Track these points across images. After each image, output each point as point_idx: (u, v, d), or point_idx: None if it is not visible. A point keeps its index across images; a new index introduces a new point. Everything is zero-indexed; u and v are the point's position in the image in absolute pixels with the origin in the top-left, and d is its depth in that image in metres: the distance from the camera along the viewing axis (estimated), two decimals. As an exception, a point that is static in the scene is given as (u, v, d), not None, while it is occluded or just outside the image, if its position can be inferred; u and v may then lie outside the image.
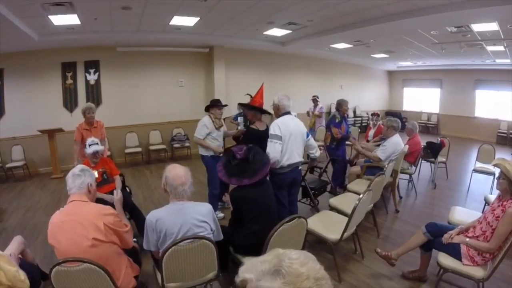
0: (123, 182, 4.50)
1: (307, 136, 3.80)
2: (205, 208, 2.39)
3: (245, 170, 2.87)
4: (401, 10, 5.86)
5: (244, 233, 2.74)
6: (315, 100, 9.48)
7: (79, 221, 2.14)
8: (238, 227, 2.80)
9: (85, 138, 4.81)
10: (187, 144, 9.25)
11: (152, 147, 9.06)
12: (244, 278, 0.86)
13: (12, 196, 6.45)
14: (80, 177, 2.35)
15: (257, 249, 2.52)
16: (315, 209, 4.69)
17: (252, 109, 4.20)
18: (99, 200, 3.79)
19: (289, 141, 3.53)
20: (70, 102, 8.35)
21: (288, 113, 3.66)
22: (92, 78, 8.51)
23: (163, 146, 9.13)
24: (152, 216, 2.27)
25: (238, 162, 2.92)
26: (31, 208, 5.69)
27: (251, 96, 4.46)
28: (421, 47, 9.15)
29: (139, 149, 8.81)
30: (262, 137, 3.73)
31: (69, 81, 8.28)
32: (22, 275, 2.18)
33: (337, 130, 5.53)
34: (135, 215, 4.04)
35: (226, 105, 4.97)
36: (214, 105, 4.78)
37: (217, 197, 4.77)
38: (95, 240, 2.12)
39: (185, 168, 2.44)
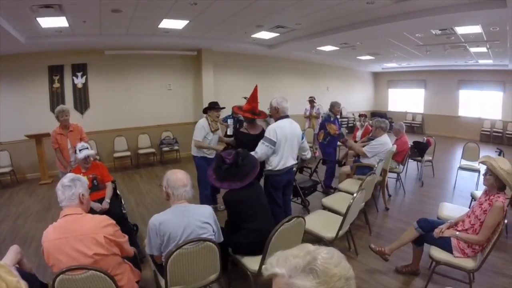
0: (114, 189, 4.34)
1: (302, 138, 3.87)
2: (206, 210, 2.43)
3: (235, 174, 2.97)
4: (389, 14, 5.98)
5: (242, 233, 2.79)
6: (311, 101, 9.48)
7: (77, 237, 2.05)
8: (235, 228, 2.84)
9: (60, 144, 4.80)
10: (176, 147, 9.22)
11: (141, 151, 8.99)
12: (274, 273, 0.86)
13: (1, 203, 6.31)
14: (70, 188, 2.22)
15: (257, 248, 2.61)
16: (306, 208, 4.77)
17: (244, 119, 4.26)
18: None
19: (285, 146, 3.59)
20: (57, 106, 8.14)
21: (287, 116, 3.70)
22: (79, 81, 8.38)
23: (152, 150, 9.06)
24: (155, 220, 2.26)
25: (227, 166, 3.00)
26: (21, 215, 5.57)
27: (247, 98, 4.49)
28: (406, 49, 9.35)
29: (128, 153, 8.74)
30: (254, 142, 3.73)
31: (56, 84, 8.14)
32: (23, 285, 2.08)
33: (335, 127, 5.69)
34: (122, 224, 4.00)
35: (223, 108, 5.00)
36: (211, 108, 4.79)
37: (209, 198, 4.84)
38: (97, 256, 2.06)
39: (185, 172, 2.47)
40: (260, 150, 3.50)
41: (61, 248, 2.03)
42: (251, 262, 2.67)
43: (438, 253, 2.85)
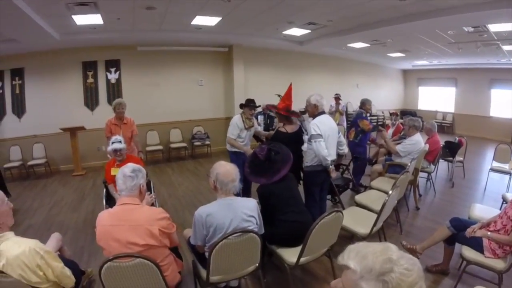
0: (148, 184, 4.45)
1: (338, 133, 3.92)
2: (252, 203, 2.47)
3: (268, 169, 3.06)
4: (419, 11, 5.90)
5: (276, 224, 2.84)
6: (337, 98, 9.47)
7: (132, 226, 2.10)
8: (269, 220, 2.87)
9: (113, 133, 4.92)
10: (207, 142, 9.36)
11: (172, 145, 9.15)
12: (348, 266, 0.85)
13: (35, 193, 6.58)
14: (132, 179, 2.25)
15: (291, 239, 2.72)
16: (340, 205, 4.76)
17: (277, 115, 4.28)
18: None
19: (327, 141, 3.64)
20: (91, 101, 8.50)
21: (323, 112, 3.77)
22: (113, 77, 8.64)
23: (184, 144, 9.21)
24: (202, 212, 2.30)
25: (261, 162, 3.11)
26: (55, 205, 5.79)
27: (280, 96, 4.51)
28: (438, 46, 9.14)
29: (160, 147, 8.93)
30: (292, 140, 3.81)
31: (90, 80, 8.42)
32: (68, 271, 2.21)
33: (367, 122, 5.64)
34: None
35: (259, 106, 5.05)
36: (246, 105, 4.83)
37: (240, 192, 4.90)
38: (147, 246, 2.11)
39: (233, 165, 2.48)
40: (317, 148, 3.56)
41: (114, 234, 2.09)
42: (289, 254, 2.70)
43: (469, 253, 2.84)
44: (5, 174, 7.53)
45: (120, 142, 4.03)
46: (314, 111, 3.79)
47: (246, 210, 2.38)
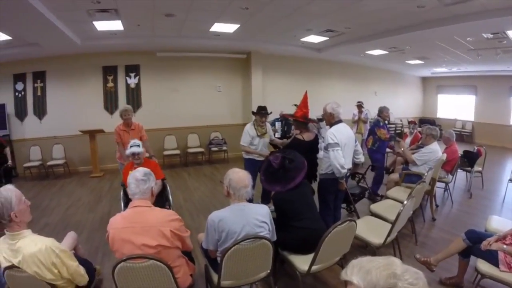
0: (164, 187, 4.41)
1: (355, 141, 3.91)
2: (264, 209, 2.49)
3: (282, 178, 3.06)
4: (438, 17, 5.85)
5: (289, 230, 2.84)
6: (359, 106, 9.35)
7: (144, 228, 2.16)
8: (283, 227, 2.88)
9: (123, 139, 5.06)
10: (224, 148, 9.41)
11: (190, 150, 9.24)
12: (351, 281, 0.85)
13: (53, 193, 6.75)
14: (145, 183, 2.33)
15: (303, 246, 2.71)
16: (355, 214, 4.72)
17: (295, 122, 4.25)
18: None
19: (344, 150, 3.62)
20: (110, 105, 8.70)
21: (341, 121, 3.75)
22: (132, 81, 8.83)
23: (201, 149, 9.30)
24: (215, 216, 2.33)
25: (275, 170, 3.11)
26: (72, 205, 5.92)
27: (297, 106, 4.51)
28: (457, 53, 8.99)
29: (177, 152, 9.02)
30: (308, 148, 3.82)
31: (110, 84, 8.64)
32: (82, 270, 2.28)
33: (385, 131, 5.62)
34: None
35: (270, 113, 5.05)
36: (257, 113, 4.88)
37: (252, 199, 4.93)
38: (160, 247, 2.16)
39: (246, 172, 2.52)
40: (334, 157, 3.53)
41: (127, 236, 2.15)
42: (301, 262, 2.69)
43: (484, 266, 2.76)
44: (25, 173, 7.80)
45: (138, 146, 4.09)
46: (330, 119, 3.78)
47: (258, 216, 2.40)
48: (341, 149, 3.56)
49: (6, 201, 1.99)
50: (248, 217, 2.36)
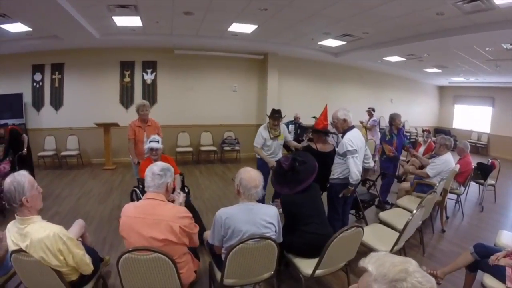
0: (182, 181, 4.52)
1: (365, 146, 3.90)
2: (272, 210, 2.49)
3: (291, 180, 3.06)
4: (457, 26, 5.77)
5: (296, 234, 2.84)
6: (370, 113, 9.22)
7: (154, 220, 2.19)
8: (290, 229, 2.88)
9: (137, 136, 5.00)
10: (237, 148, 9.44)
11: (202, 148, 9.29)
12: (366, 268, 0.92)
13: (66, 183, 6.87)
14: (160, 177, 2.36)
15: (309, 250, 2.69)
16: (363, 221, 4.69)
17: (316, 132, 4.22)
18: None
19: (359, 155, 3.62)
20: (126, 99, 8.84)
21: (353, 127, 3.74)
22: (149, 77, 8.95)
23: (214, 148, 9.34)
24: (223, 213, 2.34)
25: (284, 171, 3.11)
26: (83, 196, 6.02)
27: (316, 118, 4.52)
28: (475, 63, 8.87)
29: (190, 149, 9.08)
30: (320, 159, 3.76)
31: (127, 79, 8.78)
32: (88, 259, 2.31)
33: (390, 148, 5.54)
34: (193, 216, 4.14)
35: (283, 116, 5.01)
36: (270, 115, 4.88)
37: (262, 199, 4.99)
38: (166, 241, 2.19)
39: (258, 171, 2.51)
40: (355, 165, 3.51)
41: (137, 226, 2.20)
42: (305, 265, 2.69)
43: (491, 282, 2.70)
44: (38, 162, 7.95)
45: (158, 142, 4.11)
46: (344, 126, 3.74)
47: (266, 217, 2.40)
48: (358, 155, 3.55)
49: (19, 185, 2.03)
50: (255, 217, 2.37)
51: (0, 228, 3.54)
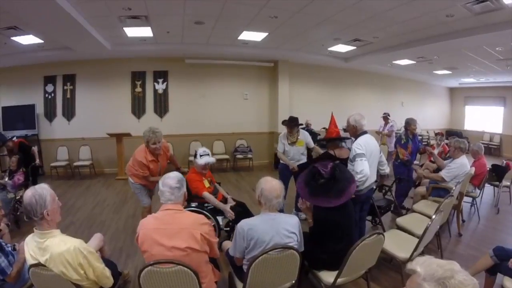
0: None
1: (380, 152, 3.84)
2: (294, 220, 2.48)
3: (330, 189, 2.79)
4: (468, 27, 5.79)
5: (325, 250, 2.71)
6: (385, 118, 9.04)
7: (175, 229, 2.19)
8: (319, 242, 2.77)
9: (152, 171, 4.06)
10: (249, 156, 9.41)
11: (215, 157, 9.10)
12: (415, 269, 1.00)
13: (79, 193, 6.93)
14: (179, 190, 2.35)
15: (334, 264, 2.58)
16: (380, 227, 4.65)
17: (330, 141, 4.26)
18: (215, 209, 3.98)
19: (369, 161, 3.52)
20: (138, 109, 8.93)
21: (366, 132, 3.69)
22: (160, 87, 9.02)
23: (226, 156, 9.31)
24: (245, 224, 2.33)
25: (324, 181, 2.83)
26: (98, 205, 6.07)
27: (326, 129, 4.58)
28: (485, 63, 8.83)
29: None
30: None
31: (138, 89, 8.87)
32: (108, 272, 2.30)
33: (404, 151, 5.50)
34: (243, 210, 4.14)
35: (301, 124, 5.23)
36: (285, 123, 5.07)
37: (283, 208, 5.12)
38: (189, 249, 2.17)
39: (279, 181, 2.50)
40: (361, 167, 3.34)
41: (158, 237, 2.18)
42: (326, 274, 2.67)
43: (511, 285, 2.67)
44: (51, 172, 8.05)
45: (209, 154, 4.03)
46: (354, 131, 3.71)
47: (288, 227, 2.38)
48: (367, 159, 3.48)
49: (40, 198, 2.04)
50: (278, 227, 2.35)
51: (15, 239, 3.62)
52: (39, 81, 8.47)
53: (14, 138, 6.21)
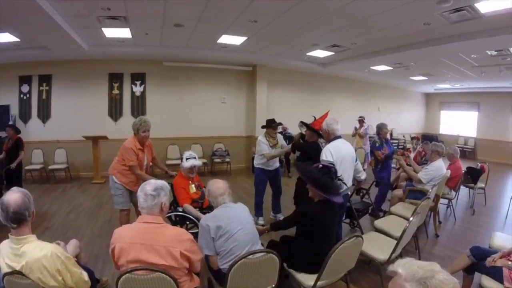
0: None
1: (356, 160, 3.88)
2: (244, 206, 2.76)
3: (336, 187, 2.90)
4: (445, 35, 5.94)
5: (307, 251, 2.71)
6: (361, 121, 9.37)
7: (153, 246, 2.05)
8: (299, 243, 2.78)
9: (140, 159, 4.11)
10: (227, 160, 9.36)
11: (192, 161, 9.16)
12: (396, 271, 1.03)
13: (54, 197, 6.73)
14: (153, 198, 2.16)
15: (314, 267, 2.58)
16: (358, 229, 4.69)
17: (311, 131, 4.31)
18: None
19: (340, 167, 3.50)
20: (115, 112, 8.74)
21: (339, 137, 3.72)
22: (138, 89, 8.88)
23: (204, 160, 9.11)
24: (203, 220, 2.49)
25: (332, 174, 2.92)
26: (73, 210, 5.89)
27: (315, 118, 4.59)
28: (461, 70, 9.10)
29: (179, 162, 8.84)
30: (315, 149, 3.90)
31: (115, 91, 8.69)
32: (85, 276, 2.23)
33: (380, 152, 5.61)
34: None
35: (280, 124, 5.22)
36: (269, 126, 5.04)
37: (259, 205, 5.26)
38: (166, 266, 2.06)
39: (224, 181, 2.76)
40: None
41: (135, 252, 2.06)
42: (306, 277, 2.66)
43: (489, 283, 2.75)
44: (26, 175, 7.76)
45: (195, 158, 3.99)
46: (327, 135, 3.78)
47: (243, 211, 2.68)
48: (334, 165, 3.36)
49: (30, 198, 2.04)
50: (235, 211, 2.60)
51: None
52: (14, 81, 8.18)
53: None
